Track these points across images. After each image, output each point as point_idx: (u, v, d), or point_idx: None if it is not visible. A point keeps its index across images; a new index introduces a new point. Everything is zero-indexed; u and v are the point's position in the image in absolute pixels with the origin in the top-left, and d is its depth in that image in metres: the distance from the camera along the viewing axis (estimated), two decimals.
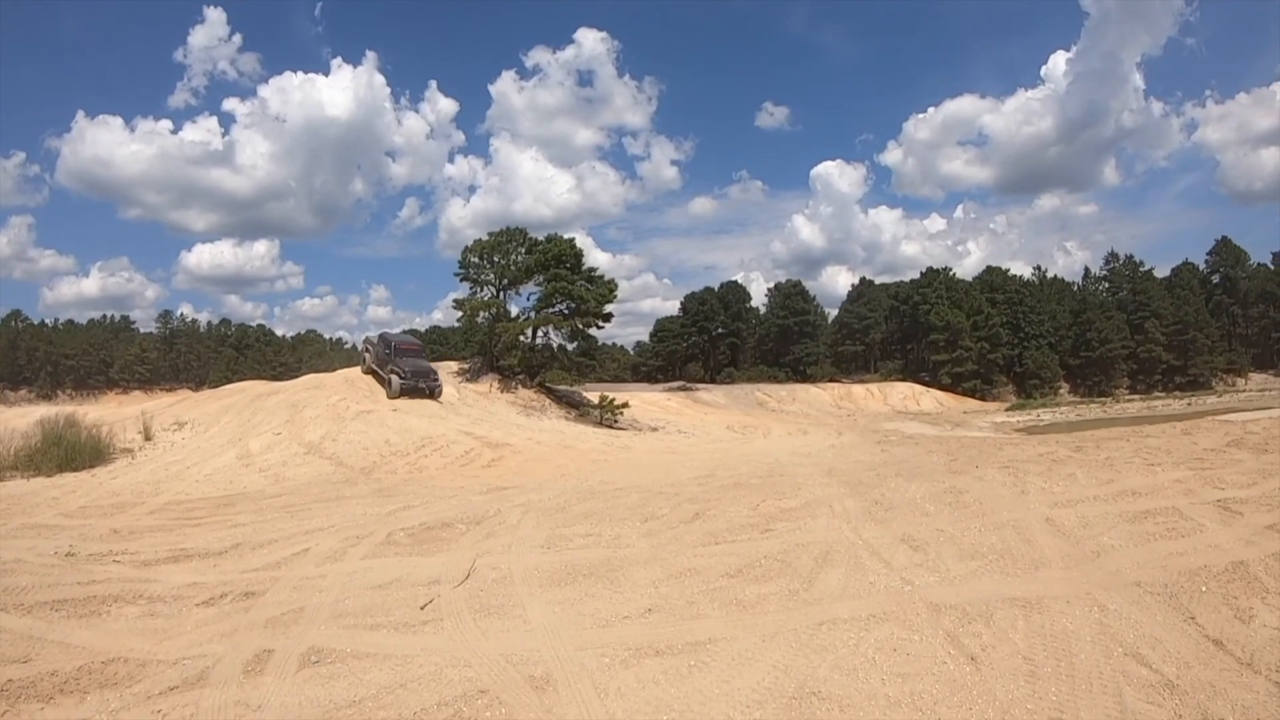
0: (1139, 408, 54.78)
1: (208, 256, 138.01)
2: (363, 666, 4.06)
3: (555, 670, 3.87)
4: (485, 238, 35.17)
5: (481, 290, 34.11)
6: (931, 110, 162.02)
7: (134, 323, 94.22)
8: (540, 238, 35.10)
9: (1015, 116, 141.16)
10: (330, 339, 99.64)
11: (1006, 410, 56.42)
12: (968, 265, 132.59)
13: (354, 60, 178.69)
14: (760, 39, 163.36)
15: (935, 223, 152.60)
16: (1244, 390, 72.73)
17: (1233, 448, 12.23)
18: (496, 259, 34.21)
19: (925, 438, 26.79)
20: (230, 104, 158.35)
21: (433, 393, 26.82)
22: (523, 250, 34.38)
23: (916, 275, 79.19)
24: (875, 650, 3.92)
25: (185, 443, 17.19)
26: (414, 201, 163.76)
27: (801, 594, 4.86)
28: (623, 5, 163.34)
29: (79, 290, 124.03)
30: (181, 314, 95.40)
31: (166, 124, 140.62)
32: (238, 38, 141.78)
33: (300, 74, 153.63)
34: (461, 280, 34.58)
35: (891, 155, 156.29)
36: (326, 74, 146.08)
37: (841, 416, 44.69)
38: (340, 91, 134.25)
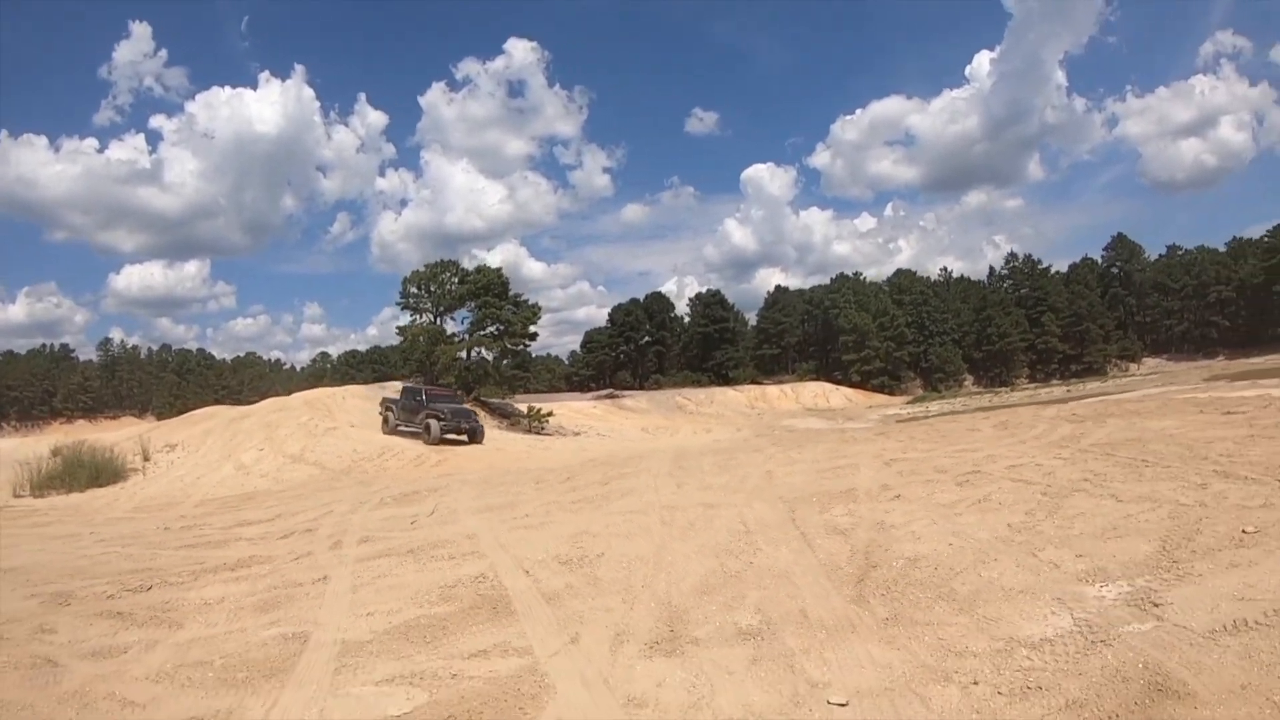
0: (1022, 396, 60.73)
1: (137, 278, 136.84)
2: (388, 540, 8.42)
3: (478, 534, 8.27)
4: (422, 269, 39.65)
5: (421, 317, 38.39)
6: (859, 112, 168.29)
7: (73, 351, 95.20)
8: (471, 268, 39.66)
9: (941, 116, 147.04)
10: (269, 360, 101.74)
11: (907, 403, 62.07)
12: (899, 262, 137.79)
13: (282, 74, 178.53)
14: (689, 46, 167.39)
15: (866, 222, 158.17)
16: (1133, 374, 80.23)
17: (994, 428, 17.15)
18: (433, 288, 38.48)
19: (812, 430, 31.73)
20: (157, 121, 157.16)
21: (474, 434, 25.90)
22: (456, 279, 38.72)
23: (849, 274, 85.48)
24: (622, 522, 8.39)
25: (182, 461, 21.07)
26: (345, 216, 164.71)
27: (604, 505, 9.38)
28: (553, 15, 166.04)
29: (6, 317, 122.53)
30: (122, 341, 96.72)
31: (92, 142, 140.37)
32: (164, 53, 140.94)
33: (228, 89, 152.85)
34: (402, 309, 38.87)
35: (820, 157, 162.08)
36: (254, 88, 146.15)
37: (753, 416, 49.78)
38: (269, 106, 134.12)
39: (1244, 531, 6.03)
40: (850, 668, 4.23)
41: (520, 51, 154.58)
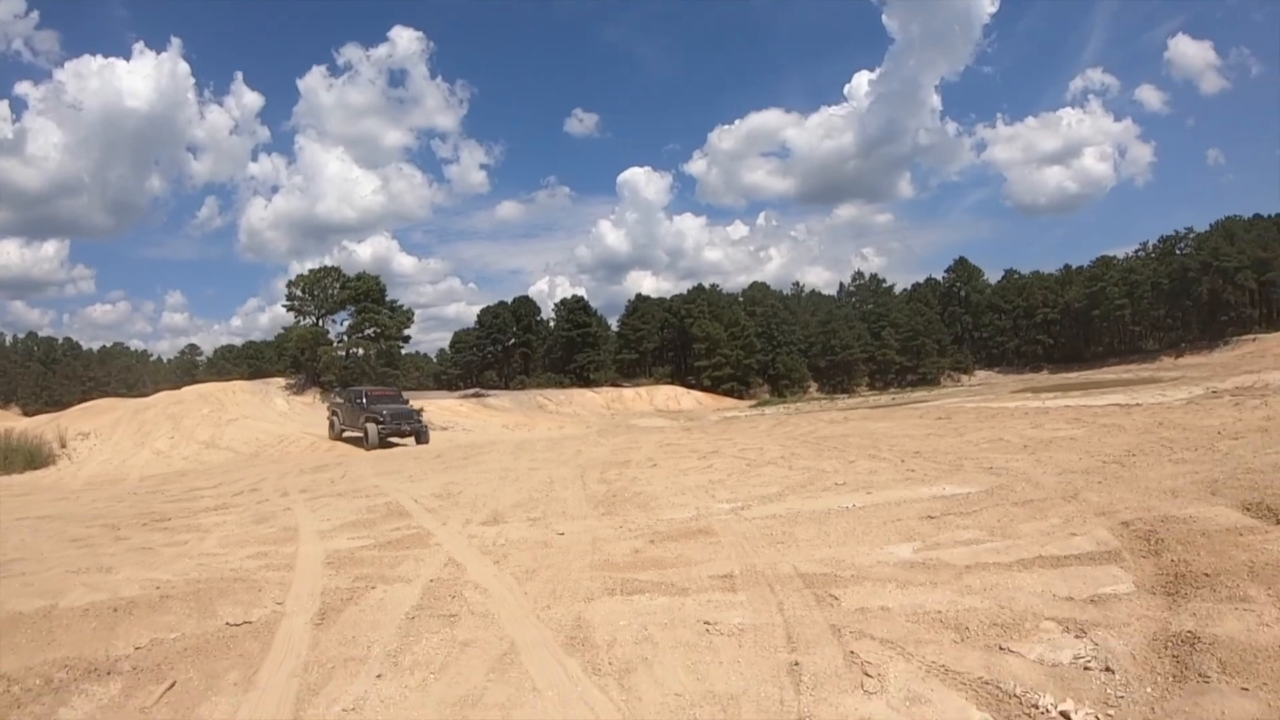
0: (854, 401, 67.84)
1: None
2: (320, 490, 12.90)
3: (380, 485, 12.86)
4: (306, 273, 43.06)
5: (305, 318, 41.81)
6: (738, 122, 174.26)
7: None
8: (350, 272, 43.37)
9: (818, 131, 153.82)
10: (136, 351, 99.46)
11: (750, 406, 68.53)
12: (770, 270, 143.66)
13: (158, 46, 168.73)
14: (576, 47, 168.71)
15: (738, 229, 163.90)
16: (962, 385, 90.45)
17: (770, 425, 22.56)
18: (316, 292, 41.94)
19: (654, 427, 36.98)
20: (23, 87, 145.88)
21: (420, 435, 24.70)
22: (338, 285, 42.30)
23: (719, 280, 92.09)
24: (474, 477, 13.18)
25: (99, 448, 24.31)
26: (214, 201, 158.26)
27: (463, 469, 14.17)
28: (439, 6, 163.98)
29: None
30: None
31: None
32: (35, 14, 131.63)
33: (100, 58, 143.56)
34: (287, 310, 42.19)
35: (697, 164, 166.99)
36: (128, 59, 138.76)
37: (607, 416, 54.94)
38: (141, 79, 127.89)
39: (836, 484, 11.03)
40: (573, 526, 9.11)
41: (405, 40, 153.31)
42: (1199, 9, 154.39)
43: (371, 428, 23.59)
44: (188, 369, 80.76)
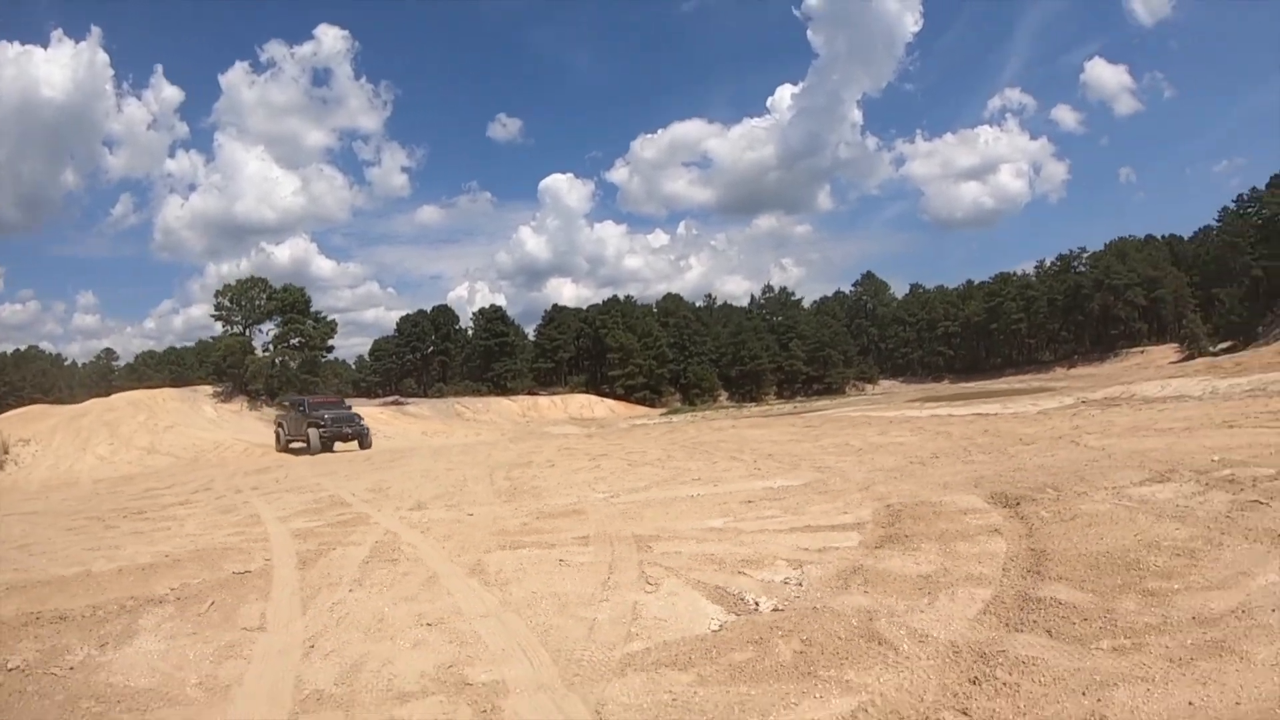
0: (759, 409, 71.61)
1: None
2: (270, 488, 15.42)
3: (321, 483, 15.44)
4: (233, 283, 44.60)
5: (231, 327, 43.40)
6: (660, 131, 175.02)
7: None
8: (278, 286, 45.01)
9: (740, 142, 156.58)
10: (50, 354, 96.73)
11: (661, 414, 71.77)
12: (690, 279, 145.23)
13: (77, 34, 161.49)
14: (501, 51, 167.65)
15: (659, 238, 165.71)
16: (866, 393, 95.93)
17: (662, 432, 25.52)
18: (243, 302, 43.58)
19: (563, 434, 39.79)
20: None
21: (362, 438, 25.00)
22: (264, 296, 44.01)
23: (639, 288, 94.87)
24: (399, 477, 15.89)
25: (42, 453, 25.95)
26: (129, 197, 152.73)
27: (389, 470, 16.86)
28: (366, 5, 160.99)
29: None
30: None
31: None
32: None
33: (16, 45, 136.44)
34: (215, 319, 43.77)
35: (619, 172, 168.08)
36: (45, 47, 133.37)
37: (523, 424, 57.55)
38: (58, 68, 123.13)
39: (694, 479, 13.94)
40: (480, 510, 11.90)
41: (330, 39, 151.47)
42: (1116, 34, 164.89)
43: (313, 432, 24.31)
44: (104, 374, 79.92)
